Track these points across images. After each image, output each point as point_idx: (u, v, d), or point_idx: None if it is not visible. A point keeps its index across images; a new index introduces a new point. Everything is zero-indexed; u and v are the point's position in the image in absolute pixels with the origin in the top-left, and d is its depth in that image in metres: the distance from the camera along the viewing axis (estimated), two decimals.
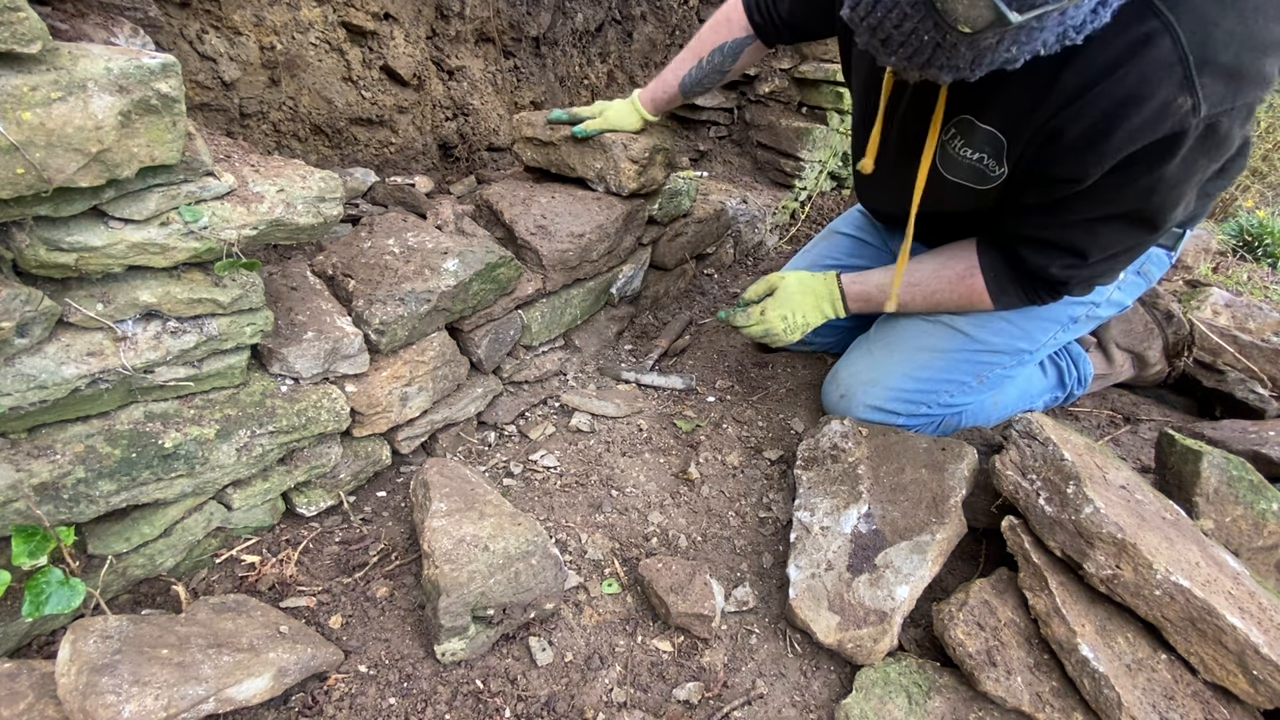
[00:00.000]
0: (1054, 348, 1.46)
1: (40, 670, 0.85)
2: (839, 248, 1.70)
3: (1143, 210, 1.07)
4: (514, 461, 1.43)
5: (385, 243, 1.33)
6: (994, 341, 1.39)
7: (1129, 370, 1.73)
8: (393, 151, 1.87)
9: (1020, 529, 1.09)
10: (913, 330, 1.44)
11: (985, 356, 1.40)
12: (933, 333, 1.42)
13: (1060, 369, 1.62)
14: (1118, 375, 1.73)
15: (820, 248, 1.73)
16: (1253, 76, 0.92)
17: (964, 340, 1.39)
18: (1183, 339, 1.68)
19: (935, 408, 1.45)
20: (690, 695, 1.03)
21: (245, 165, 1.00)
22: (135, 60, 0.78)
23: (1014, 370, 1.44)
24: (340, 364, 1.15)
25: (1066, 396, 1.65)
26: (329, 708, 0.95)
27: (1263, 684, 0.90)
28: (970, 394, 1.44)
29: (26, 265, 0.83)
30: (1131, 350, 1.70)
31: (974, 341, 1.39)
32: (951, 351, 1.40)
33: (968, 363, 1.40)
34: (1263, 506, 1.16)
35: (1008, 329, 1.37)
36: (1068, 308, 1.36)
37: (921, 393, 1.43)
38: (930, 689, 1.01)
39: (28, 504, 0.86)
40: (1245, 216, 3.07)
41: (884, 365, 1.44)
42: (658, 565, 1.16)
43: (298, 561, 1.16)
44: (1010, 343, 1.39)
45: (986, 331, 1.38)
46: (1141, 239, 1.14)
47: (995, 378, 1.44)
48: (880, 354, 1.46)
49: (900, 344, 1.45)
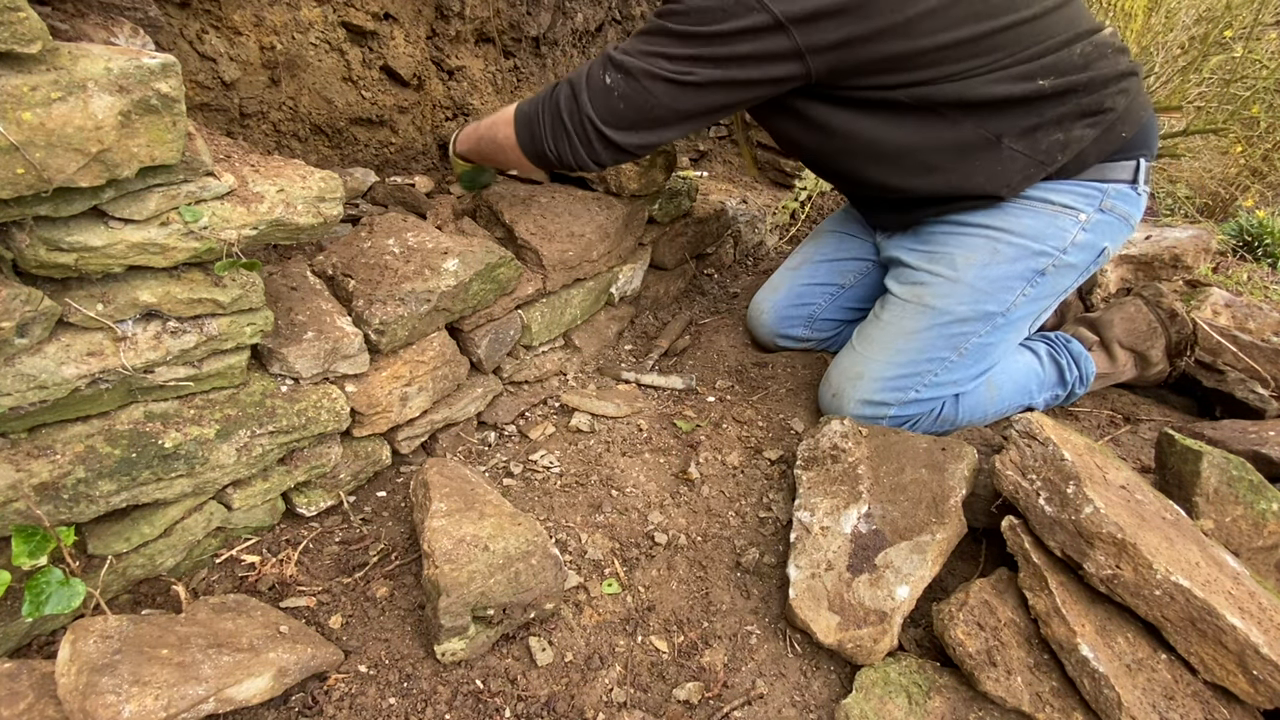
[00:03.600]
0: (1029, 310, 1.45)
1: (40, 670, 0.85)
2: (827, 244, 1.77)
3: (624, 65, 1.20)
4: (514, 461, 1.43)
5: (385, 243, 1.33)
6: (959, 310, 1.40)
7: (1131, 370, 1.73)
8: (393, 151, 1.87)
9: (1020, 529, 1.09)
10: (884, 319, 1.49)
11: (956, 328, 1.42)
12: (902, 315, 1.45)
13: (1060, 366, 1.61)
14: (1120, 374, 1.72)
15: (810, 247, 1.80)
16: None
17: (932, 315, 1.42)
18: (1185, 338, 1.68)
19: (924, 390, 1.46)
20: (690, 695, 1.03)
21: (245, 165, 1.00)
22: (135, 60, 0.78)
23: (992, 337, 1.44)
24: (340, 364, 1.15)
25: (1068, 395, 1.65)
26: (329, 708, 0.95)
27: (1263, 684, 0.90)
28: (955, 369, 1.45)
29: (26, 265, 0.83)
30: (1135, 349, 1.70)
31: (940, 314, 1.41)
32: (922, 330, 1.43)
33: (940, 337, 1.42)
34: (1263, 506, 1.16)
35: (969, 293, 1.39)
36: (1029, 259, 1.37)
37: (905, 378, 1.45)
38: (930, 689, 1.01)
39: (28, 504, 0.86)
40: (1245, 216, 3.07)
41: (865, 358, 1.48)
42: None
43: (298, 561, 1.16)
44: (976, 308, 1.40)
45: (950, 301, 1.40)
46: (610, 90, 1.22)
47: (976, 348, 1.44)
48: (860, 349, 1.50)
49: (875, 336, 1.49)
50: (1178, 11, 3.29)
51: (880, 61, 1.19)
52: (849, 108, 1.29)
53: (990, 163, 1.30)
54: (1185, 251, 2.06)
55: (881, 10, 1.13)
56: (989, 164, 1.30)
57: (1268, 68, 3.03)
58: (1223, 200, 3.66)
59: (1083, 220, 1.35)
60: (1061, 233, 1.35)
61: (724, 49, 1.16)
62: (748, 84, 1.21)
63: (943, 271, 1.41)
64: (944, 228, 1.44)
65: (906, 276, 1.47)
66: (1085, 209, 1.35)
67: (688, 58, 1.18)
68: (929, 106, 1.24)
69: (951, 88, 1.21)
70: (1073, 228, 1.36)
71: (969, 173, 1.32)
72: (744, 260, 2.35)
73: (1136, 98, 1.33)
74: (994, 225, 1.37)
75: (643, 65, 1.19)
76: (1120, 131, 1.32)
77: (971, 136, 1.27)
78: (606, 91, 1.22)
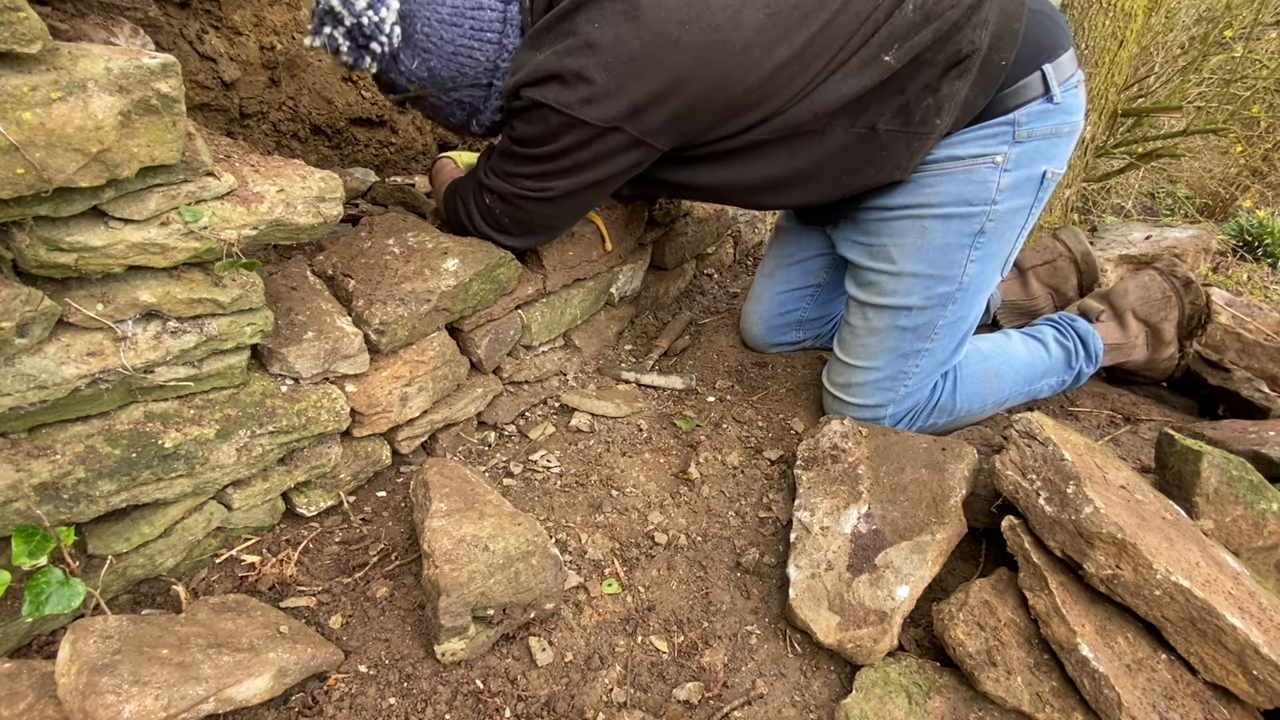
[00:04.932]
0: (984, 269, 1.37)
1: (40, 670, 0.85)
2: (789, 243, 1.76)
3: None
4: (514, 461, 1.43)
5: (385, 243, 1.33)
6: (912, 301, 1.38)
7: (1143, 347, 1.68)
8: (393, 151, 1.87)
9: (1020, 529, 1.09)
10: (852, 325, 1.49)
11: (917, 317, 1.39)
12: (865, 317, 1.45)
13: (1068, 350, 1.59)
14: (1131, 349, 1.68)
15: (776, 249, 1.79)
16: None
17: (890, 315, 1.41)
18: (1199, 310, 1.65)
19: (912, 382, 1.46)
20: (690, 695, 1.03)
21: (245, 165, 1.00)
22: (135, 60, 0.78)
23: (958, 311, 1.40)
24: (340, 364, 1.15)
25: (1075, 378, 1.63)
26: (329, 708, 0.95)
27: (1263, 684, 0.90)
28: (934, 354, 1.44)
29: (26, 265, 0.83)
30: (1148, 321, 1.66)
31: (897, 311, 1.40)
32: (886, 329, 1.42)
33: (906, 330, 1.41)
34: (1263, 506, 1.16)
35: (918, 284, 1.36)
36: (961, 225, 1.31)
37: (890, 378, 1.45)
38: (930, 689, 1.01)
39: (28, 504, 0.86)
40: (1245, 216, 3.07)
41: (848, 367, 1.50)
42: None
43: (298, 561, 1.16)
44: (928, 294, 1.36)
45: (900, 296, 1.38)
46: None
47: (945, 328, 1.41)
48: (842, 357, 1.51)
49: (851, 343, 1.49)
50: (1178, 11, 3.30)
51: (722, 112, 1.17)
52: (716, 161, 1.27)
53: (873, 153, 1.25)
54: (1185, 251, 2.07)
55: (694, 77, 1.11)
56: (872, 155, 1.25)
57: (1268, 67, 3.03)
58: (1223, 200, 3.66)
59: (999, 162, 1.26)
60: (983, 185, 1.28)
61: (569, 161, 1.19)
62: (609, 179, 1.24)
63: (884, 267, 1.38)
64: (873, 214, 1.39)
65: (858, 277, 1.45)
66: (998, 149, 1.26)
67: (541, 174, 1.22)
68: (790, 134, 1.21)
69: (802, 107, 1.18)
70: (993, 175, 1.27)
71: (857, 170, 1.27)
72: (744, 260, 2.35)
73: (1003, 18, 1.20)
74: (913, 203, 1.32)
75: (508, 187, 1.26)
76: (999, 60, 1.21)
77: (844, 138, 1.22)
78: (488, 211, 1.31)
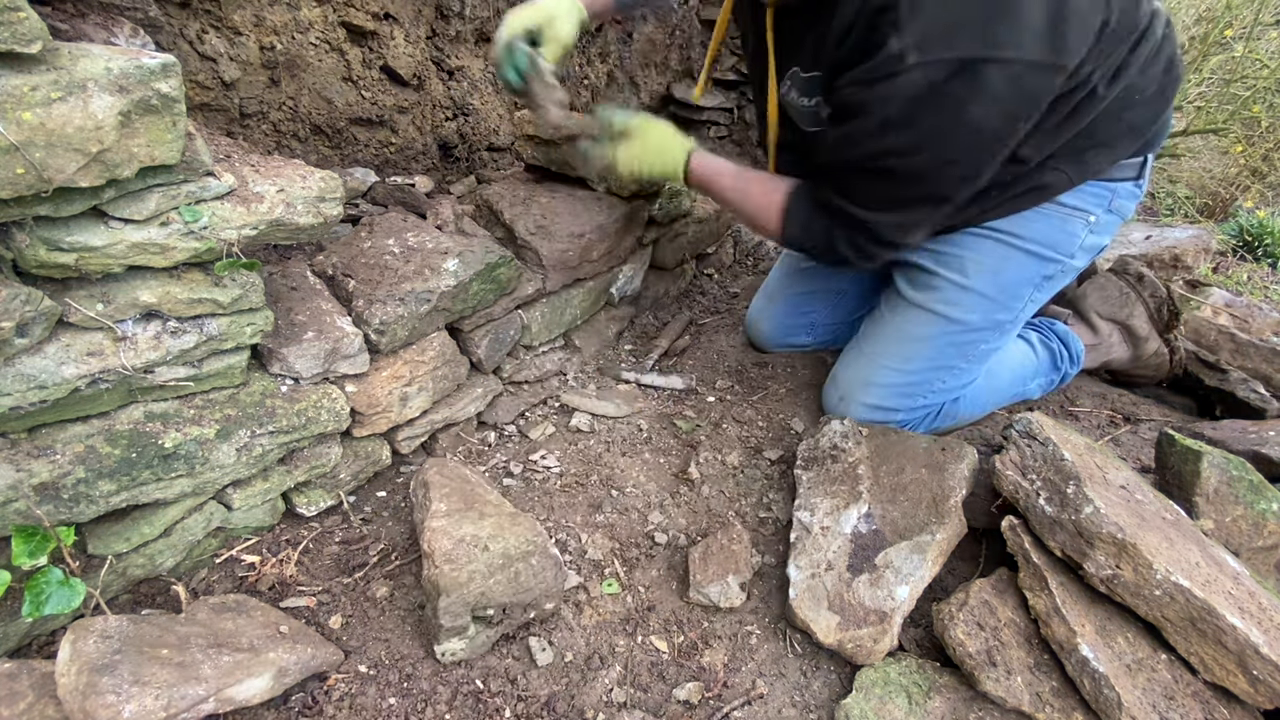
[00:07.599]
0: (1030, 311, 1.41)
1: (40, 670, 0.85)
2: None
3: (904, 163, 1.06)
4: (514, 461, 1.43)
5: (385, 243, 1.33)
6: (971, 320, 1.37)
7: (1120, 344, 1.70)
8: (393, 151, 1.87)
9: (1020, 529, 1.09)
10: (895, 323, 1.45)
11: (967, 336, 1.40)
12: (914, 321, 1.42)
13: (1052, 351, 1.60)
14: (1109, 348, 1.69)
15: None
16: (970, 27, 0.93)
17: (944, 324, 1.39)
18: (1161, 300, 1.66)
19: (931, 396, 1.45)
20: (690, 695, 1.03)
21: (245, 165, 1.00)
22: (135, 60, 0.78)
23: (999, 341, 1.43)
24: (340, 364, 1.15)
25: (1061, 378, 1.64)
26: (329, 708, 0.95)
27: (1263, 684, 0.90)
28: (963, 374, 1.44)
29: (26, 265, 0.83)
30: (1115, 319, 1.67)
31: (952, 324, 1.38)
32: (933, 337, 1.41)
33: (951, 345, 1.40)
34: (1263, 506, 1.16)
35: (982, 303, 1.36)
36: (1039, 265, 1.33)
37: (915, 385, 1.44)
38: (930, 689, 1.01)
39: (28, 504, 0.86)
40: (1245, 216, 3.07)
41: (875, 364, 1.46)
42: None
43: (298, 561, 1.16)
44: (988, 316, 1.37)
45: (961, 310, 1.37)
46: (913, 194, 1.11)
47: (982, 353, 1.43)
48: (869, 352, 1.48)
49: (886, 339, 1.46)
50: (1178, 11, 3.29)
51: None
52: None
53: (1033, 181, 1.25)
54: (1185, 252, 2.06)
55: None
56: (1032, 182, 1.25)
57: (1268, 67, 3.03)
58: (1223, 200, 3.65)
59: (1091, 222, 1.29)
60: (1071, 238, 1.30)
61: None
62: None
63: (954, 277, 1.35)
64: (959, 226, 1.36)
65: (916, 280, 1.41)
66: (1095, 210, 1.29)
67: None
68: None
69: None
70: (1082, 231, 1.30)
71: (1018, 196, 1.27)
72: (744, 260, 2.35)
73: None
74: (1006, 230, 1.31)
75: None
76: (1146, 134, 1.25)
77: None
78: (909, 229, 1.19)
